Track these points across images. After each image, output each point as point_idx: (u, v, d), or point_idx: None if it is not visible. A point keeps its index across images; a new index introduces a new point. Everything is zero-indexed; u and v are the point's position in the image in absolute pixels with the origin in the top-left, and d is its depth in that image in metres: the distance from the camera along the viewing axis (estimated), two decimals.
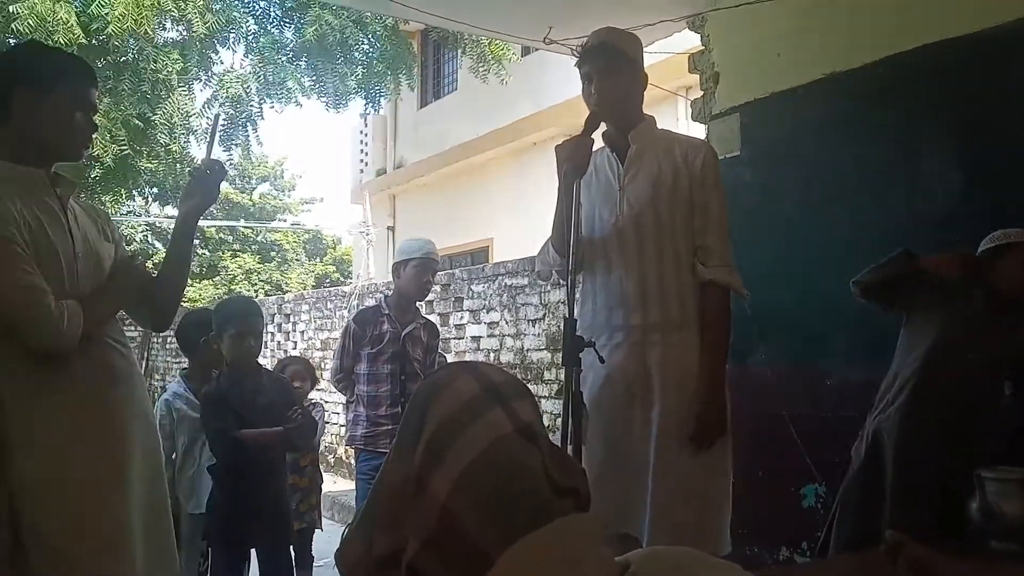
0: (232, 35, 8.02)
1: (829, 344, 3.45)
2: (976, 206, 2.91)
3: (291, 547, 3.36)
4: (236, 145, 8.40)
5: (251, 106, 8.12)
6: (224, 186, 2.32)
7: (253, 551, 3.20)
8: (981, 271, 2.74)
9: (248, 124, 8.21)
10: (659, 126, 2.57)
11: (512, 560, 0.85)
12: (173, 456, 3.40)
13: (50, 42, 6.61)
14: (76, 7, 7.12)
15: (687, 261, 2.41)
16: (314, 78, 8.15)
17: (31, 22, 6.75)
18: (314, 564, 4.09)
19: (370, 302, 7.16)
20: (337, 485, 7.76)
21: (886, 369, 2.82)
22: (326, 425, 4.01)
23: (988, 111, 2.92)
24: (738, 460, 2.44)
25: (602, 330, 2.38)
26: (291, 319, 10.45)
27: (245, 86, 7.99)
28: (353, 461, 3.93)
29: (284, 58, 8.07)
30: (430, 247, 3.81)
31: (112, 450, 2.02)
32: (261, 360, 3.29)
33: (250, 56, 8.12)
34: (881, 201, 3.16)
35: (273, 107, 8.17)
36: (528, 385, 1.10)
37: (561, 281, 2.60)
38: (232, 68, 8.26)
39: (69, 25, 6.84)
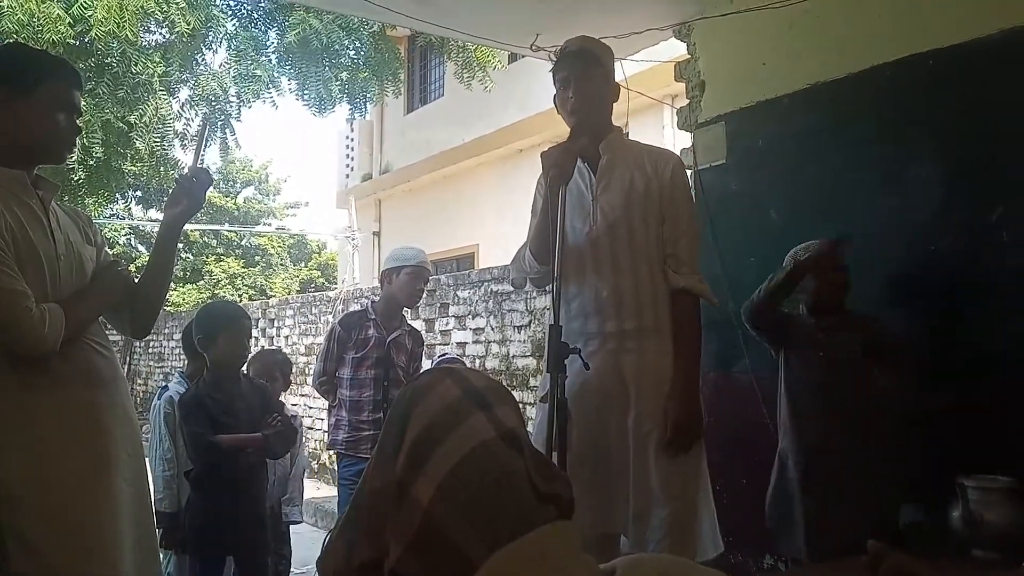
0: (214, 38, 7.94)
1: None
2: (960, 215, 2.93)
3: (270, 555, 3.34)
4: (212, 144, 8.34)
5: (228, 104, 8.05)
6: (208, 190, 2.31)
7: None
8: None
9: (226, 125, 8.16)
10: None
11: (496, 568, 0.85)
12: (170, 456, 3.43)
13: (39, 40, 6.53)
14: (61, 5, 6.98)
15: (659, 269, 2.46)
16: (298, 81, 8.10)
17: (20, 17, 6.61)
18: (296, 571, 4.07)
19: (355, 307, 7.13)
20: (320, 491, 7.72)
21: None
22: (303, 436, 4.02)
23: (972, 121, 2.94)
24: (723, 467, 2.45)
25: (577, 337, 2.38)
26: (275, 324, 10.41)
27: (222, 84, 7.93)
28: (336, 467, 3.92)
29: (267, 60, 8.02)
30: (424, 256, 3.88)
31: (96, 454, 2.00)
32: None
33: (232, 57, 8.05)
34: (866, 210, 3.17)
35: (252, 105, 8.13)
36: (513, 392, 1.09)
37: (546, 289, 2.60)
38: (212, 68, 8.18)
39: (57, 24, 6.70)
